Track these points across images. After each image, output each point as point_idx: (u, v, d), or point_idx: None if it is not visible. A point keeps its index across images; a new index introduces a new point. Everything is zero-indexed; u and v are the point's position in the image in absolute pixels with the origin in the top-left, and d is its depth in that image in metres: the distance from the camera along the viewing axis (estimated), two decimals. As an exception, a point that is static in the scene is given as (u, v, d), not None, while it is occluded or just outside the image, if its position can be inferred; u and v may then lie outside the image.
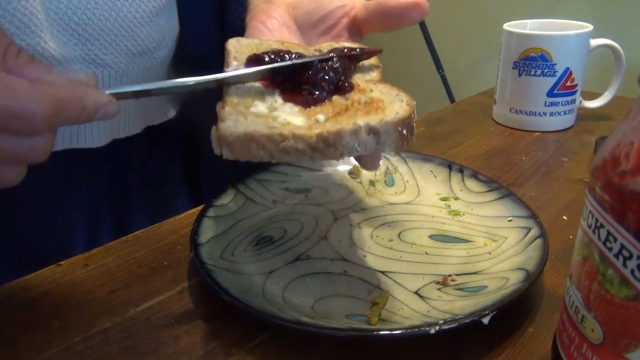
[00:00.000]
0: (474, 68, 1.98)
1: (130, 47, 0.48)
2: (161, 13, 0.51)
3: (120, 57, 0.48)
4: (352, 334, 0.32)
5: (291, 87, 0.35)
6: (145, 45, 0.50)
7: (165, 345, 0.34)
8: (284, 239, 0.44)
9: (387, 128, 0.30)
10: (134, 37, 0.48)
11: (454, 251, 0.42)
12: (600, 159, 0.24)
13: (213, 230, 0.43)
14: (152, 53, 0.51)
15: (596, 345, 0.25)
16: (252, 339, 0.34)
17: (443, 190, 0.51)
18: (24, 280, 0.41)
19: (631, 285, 0.22)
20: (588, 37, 0.66)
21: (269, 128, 0.30)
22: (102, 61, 0.47)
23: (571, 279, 0.27)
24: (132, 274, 0.41)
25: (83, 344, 0.34)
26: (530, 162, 0.60)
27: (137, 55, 0.49)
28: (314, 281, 0.39)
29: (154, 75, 0.53)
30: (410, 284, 0.39)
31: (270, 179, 0.52)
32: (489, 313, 0.32)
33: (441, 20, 1.95)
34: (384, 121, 0.30)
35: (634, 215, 0.22)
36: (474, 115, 0.77)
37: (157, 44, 0.51)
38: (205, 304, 0.38)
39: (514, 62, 0.68)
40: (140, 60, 0.50)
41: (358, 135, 0.30)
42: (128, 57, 0.49)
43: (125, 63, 0.49)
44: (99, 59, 0.47)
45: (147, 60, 0.51)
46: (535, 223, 0.42)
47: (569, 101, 0.68)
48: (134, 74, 0.50)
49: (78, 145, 0.50)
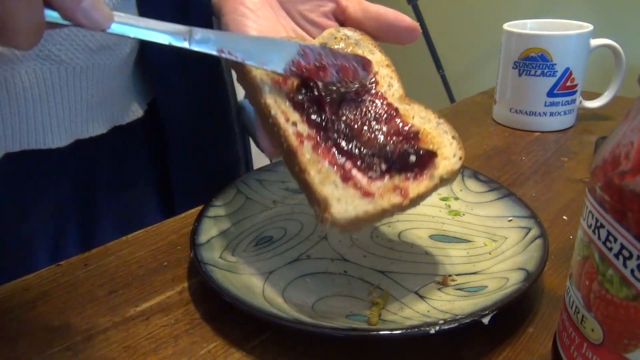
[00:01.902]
0: (474, 68, 1.98)
1: (87, 43, 0.45)
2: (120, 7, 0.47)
3: (77, 54, 0.45)
4: (352, 334, 0.32)
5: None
6: (104, 41, 0.46)
7: (165, 345, 0.34)
8: (284, 239, 0.44)
9: (454, 176, 0.34)
10: (92, 33, 0.45)
11: (454, 251, 0.42)
12: (600, 159, 0.24)
13: (213, 230, 0.43)
14: (113, 49, 0.48)
15: (596, 345, 0.25)
16: (252, 339, 0.34)
17: (443, 190, 0.50)
18: (23, 280, 0.41)
19: (631, 285, 0.22)
20: (588, 37, 0.66)
21: (373, 206, 0.32)
22: (58, 57, 0.44)
23: (571, 279, 0.27)
24: (132, 274, 0.41)
25: (83, 344, 0.34)
26: (530, 162, 0.60)
27: (96, 51, 0.46)
28: (314, 281, 0.39)
29: (117, 72, 0.50)
30: (410, 284, 0.39)
31: (271, 179, 0.52)
32: (489, 313, 0.32)
33: (441, 20, 1.95)
34: (453, 171, 0.34)
35: (634, 215, 0.22)
36: (474, 115, 0.77)
37: (118, 40, 0.48)
38: (205, 304, 0.38)
39: (514, 62, 0.68)
40: (100, 57, 0.47)
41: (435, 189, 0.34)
42: (86, 54, 0.45)
43: (83, 60, 0.45)
44: (53, 55, 0.44)
45: (109, 57, 0.48)
46: (535, 223, 0.42)
47: (569, 101, 0.68)
48: (94, 71, 0.47)
49: (37, 145, 0.47)
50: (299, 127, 0.35)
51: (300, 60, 0.37)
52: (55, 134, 0.47)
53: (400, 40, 0.43)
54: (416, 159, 0.34)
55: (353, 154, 0.34)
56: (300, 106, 0.36)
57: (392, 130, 0.36)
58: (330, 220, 0.31)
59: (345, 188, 0.32)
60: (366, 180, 0.33)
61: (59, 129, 0.48)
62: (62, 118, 0.47)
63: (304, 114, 0.36)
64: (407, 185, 0.33)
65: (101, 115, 0.51)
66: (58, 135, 0.48)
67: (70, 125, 0.48)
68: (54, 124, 0.47)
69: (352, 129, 0.36)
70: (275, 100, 0.37)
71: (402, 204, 0.32)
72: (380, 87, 0.39)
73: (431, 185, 0.33)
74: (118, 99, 0.53)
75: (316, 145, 0.34)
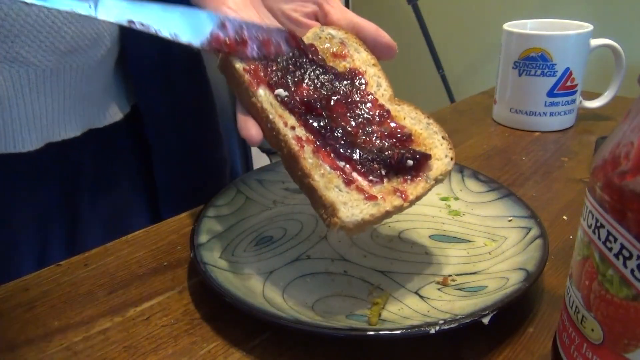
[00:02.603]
0: (474, 68, 1.98)
1: (57, 45, 0.44)
2: None
3: (46, 56, 0.44)
4: (352, 334, 0.32)
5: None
6: (76, 43, 0.45)
7: (165, 345, 0.34)
8: (284, 239, 0.44)
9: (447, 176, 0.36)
10: (61, 35, 0.44)
11: (454, 251, 0.42)
12: (600, 159, 0.24)
13: (213, 230, 0.43)
14: (86, 52, 0.47)
15: (596, 345, 0.25)
16: (252, 339, 0.34)
17: (443, 190, 0.50)
18: (23, 280, 0.41)
19: (631, 285, 0.22)
20: (588, 37, 0.66)
21: (377, 209, 0.33)
22: (26, 59, 0.43)
23: (571, 279, 0.27)
24: (132, 274, 0.41)
25: (83, 344, 0.34)
26: (530, 162, 0.60)
27: (67, 53, 0.45)
28: (314, 281, 0.39)
29: (92, 75, 0.49)
30: (410, 284, 0.39)
31: (270, 179, 0.52)
32: (489, 313, 0.32)
33: (441, 20, 1.95)
34: (446, 172, 0.36)
35: (634, 215, 0.22)
36: (474, 115, 0.77)
37: (91, 42, 0.47)
38: (205, 304, 0.38)
39: (514, 62, 0.68)
40: (71, 59, 0.46)
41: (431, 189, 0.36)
42: (56, 56, 0.45)
43: (54, 62, 0.45)
44: (21, 57, 0.43)
45: (81, 59, 0.47)
46: (535, 223, 0.42)
47: (569, 101, 0.68)
48: (65, 74, 0.46)
49: (7, 149, 0.46)
50: (297, 131, 0.36)
51: (219, 34, 0.36)
52: (25, 137, 0.46)
53: (377, 55, 0.42)
54: (413, 163, 0.35)
55: (352, 159, 0.35)
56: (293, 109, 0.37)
57: (386, 133, 0.37)
58: (340, 225, 0.32)
59: (350, 192, 0.33)
60: (367, 183, 0.34)
61: (29, 131, 0.47)
62: (32, 120, 0.46)
63: (301, 117, 0.36)
64: (406, 187, 0.34)
65: (74, 117, 0.50)
66: (29, 138, 0.47)
67: (41, 128, 0.47)
68: (24, 127, 0.46)
69: (348, 133, 0.36)
70: (270, 103, 0.36)
71: (402, 206, 0.34)
72: (370, 88, 0.40)
73: (427, 187, 0.35)
74: (93, 101, 0.52)
75: (316, 149, 0.35)
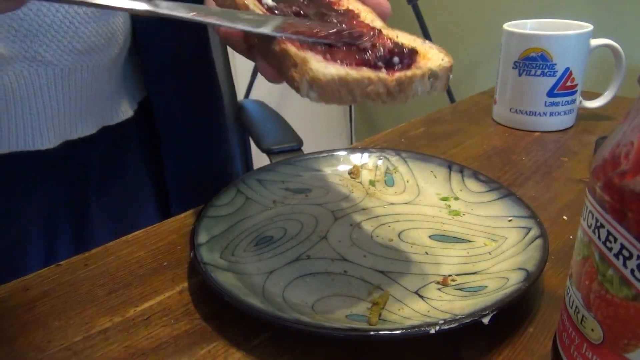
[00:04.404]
0: (474, 68, 1.98)
1: (75, 45, 0.45)
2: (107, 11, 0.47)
3: (64, 55, 0.45)
4: (352, 334, 0.32)
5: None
6: (93, 42, 0.46)
7: (165, 345, 0.34)
8: (284, 239, 0.44)
9: (443, 73, 0.34)
10: (79, 34, 0.45)
11: (454, 251, 0.42)
12: (600, 159, 0.24)
13: (213, 230, 0.43)
14: (102, 51, 0.48)
15: (596, 345, 0.25)
16: (252, 339, 0.34)
17: (443, 190, 0.51)
18: (23, 280, 0.41)
19: (631, 285, 0.22)
20: (588, 37, 0.66)
21: (357, 71, 0.30)
22: (44, 59, 0.44)
23: (571, 279, 0.27)
24: (132, 274, 0.41)
25: (83, 344, 0.34)
26: (530, 162, 0.60)
27: (84, 53, 0.46)
28: (314, 281, 0.39)
29: (106, 73, 0.50)
30: (410, 284, 0.39)
31: (270, 178, 0.52)
32: (489, 313, 0.32)
33: (441, 20, 1.95)
34: (441, 67, 0.33)
35: (634, 215, 0.22)
36: (474, 115, 0.77)
37: (106, 42, 0.48)
38: (205, 304, 0.38)
39: (514, 62, 0.68)
40: (88, 59, 0.47)
41: (424, 79, 0.32)
42: (74, 55, 0.46)
43: (72, 61, 0.46)
44: (40, 56, 0.44)
45: (96, 58, 0.48)
46: (535, 223, 0.42)
47: (569, 101, 0.68)
48: (82, 73, 0.47)
49: (25, 147, 0.47)
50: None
51: None
52: (43, 135, 0.47)
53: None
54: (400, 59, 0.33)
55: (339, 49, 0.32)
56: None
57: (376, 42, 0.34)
58: (310, 76, 0.28)
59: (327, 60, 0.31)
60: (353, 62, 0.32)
61: (47, 130, 0.47)
62: (50, 119, 0.47)
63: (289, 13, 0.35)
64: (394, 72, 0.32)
65: (90, 116, 0.51)
66: (47, 136, 0.48)
67: (59, 127, 0.48)
68: (42, 125, 0.47)
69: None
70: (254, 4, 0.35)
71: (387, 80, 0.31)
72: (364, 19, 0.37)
73: (419, 73, 0.32)
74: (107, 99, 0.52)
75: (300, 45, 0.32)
